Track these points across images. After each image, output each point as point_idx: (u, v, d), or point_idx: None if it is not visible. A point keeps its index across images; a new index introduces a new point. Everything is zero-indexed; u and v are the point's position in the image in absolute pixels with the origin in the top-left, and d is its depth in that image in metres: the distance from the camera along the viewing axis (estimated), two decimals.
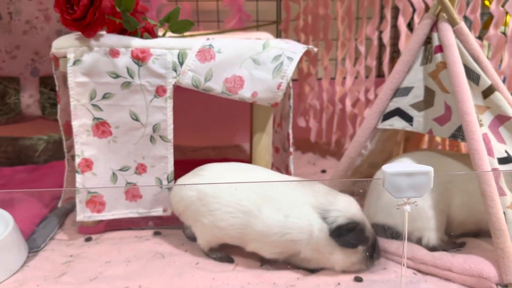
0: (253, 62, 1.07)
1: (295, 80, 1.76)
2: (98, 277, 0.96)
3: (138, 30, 1.09)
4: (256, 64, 1.07)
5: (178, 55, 1.06)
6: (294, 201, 0.95)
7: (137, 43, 1.05)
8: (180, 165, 1.18)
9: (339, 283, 0.93)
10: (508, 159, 0.97)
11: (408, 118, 1.10)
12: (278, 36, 1.82)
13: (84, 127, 1.07)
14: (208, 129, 1.85)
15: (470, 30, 1.09)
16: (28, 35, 1.77)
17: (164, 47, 1.06)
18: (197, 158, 1.69)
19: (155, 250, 1.06)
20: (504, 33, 1.31)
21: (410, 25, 1.63)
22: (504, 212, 0.92)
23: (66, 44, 1.05)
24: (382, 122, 1.13)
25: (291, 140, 1.18)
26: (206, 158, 1.68)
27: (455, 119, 1.02)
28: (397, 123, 1.11)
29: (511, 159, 0.98)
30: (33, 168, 1.49)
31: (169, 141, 1.10)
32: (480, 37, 1.42)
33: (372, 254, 0.95)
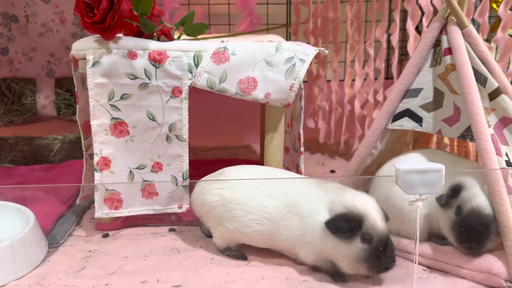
0: (266, 64, 1.10)
1: (305, 82, 1.78)
2: (117, 271, 0.98)
3: (155, 33, 1.13)
4: (269, 66, 1.10)
5: (194, 57, 1.09)
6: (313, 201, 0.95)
7: (154, 46, 1.08)
8: (192, 165, 1.21)
9: None
10: (509, 164, 0.99)
11: (418, 119, 1.12)
12: (288, 39, 1.85)
13: (103, 127, 1.10)
14: (219, 130, 1.88)
15: (478, 33, 1.11)
16: (44, 38, 1.81)
17: (180, 50, 1.09)
18: (208, 158, 1.72)
19: (171, 246, 1.09)
20: None
21: (418, 28, 1.66)
22: None
23: (86, 46, 1.08)
24: (392, 123, 1.16)
25: (302, 140, 1.20)
26: (217, 158, 1.71)
27: (464, 120, 1.04)
28: (407, 124, 1.13)
29: (511, 164, 0.99)
30: (49, 167, 1.53)
31: (185, 140, 1.13)
32: (488, 40, 1.44)
33: (380, 257, 0.88)
